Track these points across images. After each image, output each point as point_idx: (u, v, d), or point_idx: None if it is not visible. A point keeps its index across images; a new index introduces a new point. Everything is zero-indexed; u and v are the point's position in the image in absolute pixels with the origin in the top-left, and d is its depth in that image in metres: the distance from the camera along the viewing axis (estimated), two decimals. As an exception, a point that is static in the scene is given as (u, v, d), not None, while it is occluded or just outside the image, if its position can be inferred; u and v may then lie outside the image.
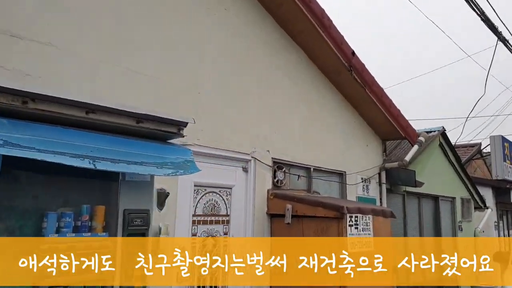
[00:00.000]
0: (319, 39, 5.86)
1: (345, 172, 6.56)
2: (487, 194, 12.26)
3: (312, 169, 5.97)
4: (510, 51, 9.70)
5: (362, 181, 6.85)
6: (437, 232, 9.02)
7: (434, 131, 9.20)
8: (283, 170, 5.47)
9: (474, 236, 10.49)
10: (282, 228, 4.96)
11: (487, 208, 11.03)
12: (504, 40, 9.49)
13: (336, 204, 4.61)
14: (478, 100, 9.77)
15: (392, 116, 7.08)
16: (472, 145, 14.65)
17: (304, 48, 6.07)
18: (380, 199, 7.17)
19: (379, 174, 7.24)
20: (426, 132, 9.31)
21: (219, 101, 4.78)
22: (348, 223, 4.57)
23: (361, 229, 4.75)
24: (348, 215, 4.58)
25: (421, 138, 7.17)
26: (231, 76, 4.99)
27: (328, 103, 6.48)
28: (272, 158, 5.33)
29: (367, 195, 6.93)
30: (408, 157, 7.02)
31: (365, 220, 4.84)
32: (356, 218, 4.70)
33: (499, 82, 17.26)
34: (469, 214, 10.44)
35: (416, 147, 7.15)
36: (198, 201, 4.49)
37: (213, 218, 4.60)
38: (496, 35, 9.13)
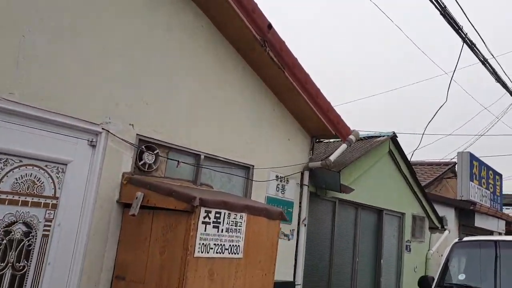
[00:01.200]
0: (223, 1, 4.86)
1: (252, 166, 5.50)
2: (449, 214, 11.21)
3: (202, 157, 4.91)
4: (476, 55, 8.74)
5: (277, 179, 5.80)
6: (377, 250, 7.96)
7: (383, 136, 8.19)
8: (156, 152, 4.42)
9: (426, 259, 9.43)
10: (132, 222, 3.90)
11: (445, 229, 9.98)
12: (470, 44, 8.54)
13: (189, 193, 3.55)
14: (439, 109, 8.75)
15: (320, 108, 6.05)
16: (447, 163, 13.64)
17: (207, 11, 5.06)
18: (300, 203, 6.11)
19: (302, 174, 6.19)
20: (375, 136, 8.31)
21: (57, 47, 3.72)
22: (201, 220, 3.51)
23: (224, 230, 3.68)
24: (202, 208, 3.51)
25: (352, 137, 6.14)
26: (79, 13, 3.95)
27: (237, 82, 5.45)
28: (137, 134, 4.27)
29: (282, 197, 5.87)
30: (333, 157, 5.98)
31: (234, 218, 3.78)
32: (217, 215, 3.63)
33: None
34: (422, 234, 9.39)
35: (344, 146, 6.11)
36: (6, 174, 3.43)
37: (29, 199, 3.53)
38: (460, 36, 8.19)
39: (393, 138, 8.26)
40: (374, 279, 7.89)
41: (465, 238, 5.41)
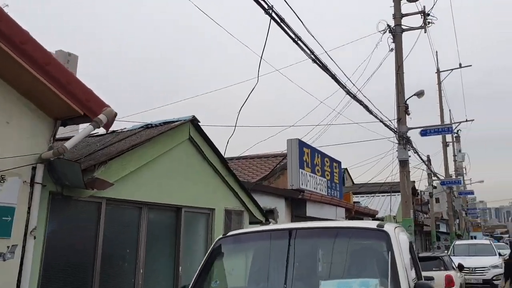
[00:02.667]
0: None
1: None
2: (281, 205, 10.53)
3: None
4: (286, 32, 7.92)
5: (-20, 178, 4.13)
6: (174, 256, 6.68)
7: (179, 121, 6.95)
8: None
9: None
10: None
11: (269, 222, 9.16)
12: (278, 21, 7.69)
13: None
14: (252, 90, 7.81)
15: (53, 79, 4.53)
16: (278, 155, 13.07)
17: None
18: (29, 208, 4.51)
19: (34, 168, 4.60)
20: (170, 121, 7.03)
21: None
22: None
23: None
24: None
25: (102, 117, 4.70)
26: None
27: None
28: None
29: (-7, 202, 4.22)
30: (70, 144, 4.50)
31: None
32: None
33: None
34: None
35: (89, 128, 4.66)
36: None
37: None
38: (266, 12, 7.25)
39: (194, 122, 7.08)
40: (172, 290, 6.60)
41: (232, 232, 4.33)
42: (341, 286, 3.49)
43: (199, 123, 7.15)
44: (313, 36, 9.83)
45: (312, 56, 10.20)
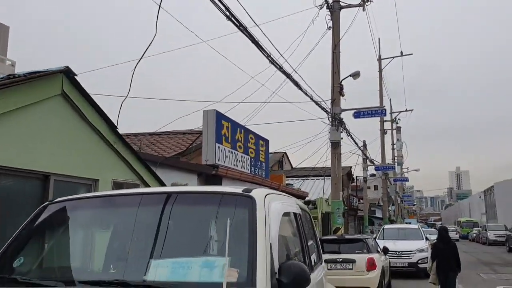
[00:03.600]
0: None
1: None
2: (192, 182, 9.58)
3: None
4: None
5: None
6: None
7: (49, 71, 5.76)
8: None
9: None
10: None
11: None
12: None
13: None
14: (149, 45, 6.75)
15: None
16: (196, 132, 12.08)
17: None
18: None
19: None
20: (37, 72, 5.81)
21: None
22: None
23: None
24: None
25: None
26: None
27: None
28: None
29: None
30: None
31: None
32: None
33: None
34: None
35: None
36: None
37: None
38: None
39: (69, 75, 5.91)
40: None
41: (63, 198, 3.33)
42: (176, 267, 2.59)
43: (75, 76, 6.00)
44: (242, 7, 8.91)
45: (241, 27, 9.29)
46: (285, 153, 33.88)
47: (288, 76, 14.26)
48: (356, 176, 33.10)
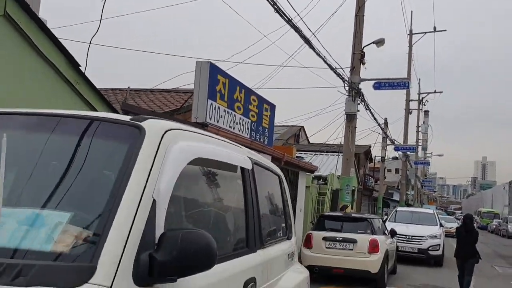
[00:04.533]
0: None
1: None
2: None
3: None
4: None
5: None
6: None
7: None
8: None
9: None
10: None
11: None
12: None
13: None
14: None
15: None
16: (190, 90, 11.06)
17: None
18: None
19: None
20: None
21: None
22: None
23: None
24: None
25: None
26: None
27: None
28: None
29: None
30: None
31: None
32: None
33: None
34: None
35: None
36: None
37: None
38: None
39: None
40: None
41: None
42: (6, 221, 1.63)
43: (24, -4, 5.03)
44: None
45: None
46: (303, 127, 32.74)
47: (306, 40, 13.06)
48: (375, 156, 31.75)
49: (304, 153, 23.61)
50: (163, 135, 1.96)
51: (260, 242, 3.04)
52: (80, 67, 5.87)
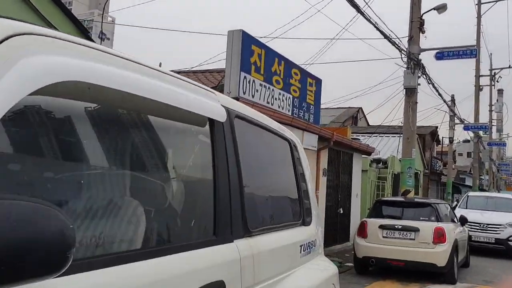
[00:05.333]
0: None
1: None
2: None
3: None
4: None
5: None
6: None
7: None
8: None
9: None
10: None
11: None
12: None
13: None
14: None
15: None
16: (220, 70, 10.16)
17: None
18: None
19: None
20: None
21: None
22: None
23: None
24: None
25: None
26: None
27: None
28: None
29: None
30: None
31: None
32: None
33: None
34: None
35: None
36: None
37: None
38: None
39: None
40: None
41: None
42: None
43: None
44: None
45: None
46: (361, 108, 30.98)
47: (358, 9, 11.73)
48: (442, 137, 29.26)
49: (362, 135, 22.07)
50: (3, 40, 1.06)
51: (243, 228, 2.04)
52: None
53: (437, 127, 27.24)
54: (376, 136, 22.19)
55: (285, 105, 9.41)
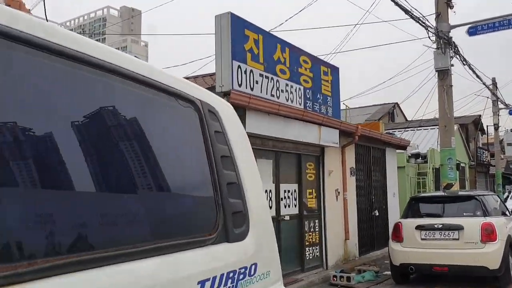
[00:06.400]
0: None
1: None
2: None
3: None
4: None
5: None
6: None
7: None
8: None
9: None
10: None
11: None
12: None
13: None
14: None
15: None
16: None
17: None
18: None
19: None
20: None
21: None
22: None
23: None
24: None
25: None
26: None
27: None
28: None
29: None
30: None
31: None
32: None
33: None
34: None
35: None
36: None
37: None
38: None
39: None
40: None
41: None
42: None
43: None
44: None
45: None
46: (397, 103, 29.25)
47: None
48: (487, 126, 27.03)
49: (398, 131, 20.51)
50: None
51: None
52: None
53: (480, 115, 25.18)
54: (414, 130, 20.57)
55: (294, 97, 8.30)
